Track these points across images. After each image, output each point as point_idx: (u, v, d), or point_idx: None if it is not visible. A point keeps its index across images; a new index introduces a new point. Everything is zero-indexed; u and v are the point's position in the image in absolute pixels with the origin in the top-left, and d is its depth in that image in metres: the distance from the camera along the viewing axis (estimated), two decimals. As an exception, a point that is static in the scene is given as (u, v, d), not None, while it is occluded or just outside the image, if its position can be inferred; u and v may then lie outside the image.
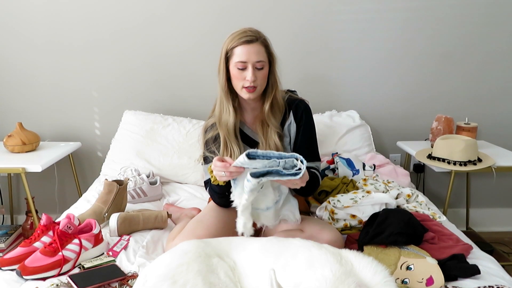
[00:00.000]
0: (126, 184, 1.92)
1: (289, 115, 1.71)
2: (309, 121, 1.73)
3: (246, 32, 1.58)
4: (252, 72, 1.56)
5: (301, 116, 1.70)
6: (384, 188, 1.99)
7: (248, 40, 1.56)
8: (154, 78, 2.69)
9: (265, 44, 1.61)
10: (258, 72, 1.58)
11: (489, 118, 2.74)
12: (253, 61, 1.56)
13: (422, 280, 1.33)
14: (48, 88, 2.70)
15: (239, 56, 1.56)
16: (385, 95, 2.74)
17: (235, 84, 1.62)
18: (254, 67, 1.57)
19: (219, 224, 1.63)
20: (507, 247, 2.69)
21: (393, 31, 2.64)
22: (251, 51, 1.56)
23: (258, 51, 1.57)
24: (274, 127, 1.67)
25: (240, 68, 1.57)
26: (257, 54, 1.57)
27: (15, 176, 2.82)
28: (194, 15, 2.60)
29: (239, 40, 1.56)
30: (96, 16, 2.60)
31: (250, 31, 1.59)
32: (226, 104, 1.65)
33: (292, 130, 1.71)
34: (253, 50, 1.56)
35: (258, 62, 1.57)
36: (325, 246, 1.28)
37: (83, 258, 1.51)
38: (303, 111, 1.71)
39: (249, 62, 1.56)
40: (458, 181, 2.84)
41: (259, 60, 1.57)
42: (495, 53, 2.68)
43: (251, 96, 1.61)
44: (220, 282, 1.20)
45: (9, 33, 2.61)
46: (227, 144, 1.65)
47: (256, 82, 1.58)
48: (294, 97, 1.75)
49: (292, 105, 1.72)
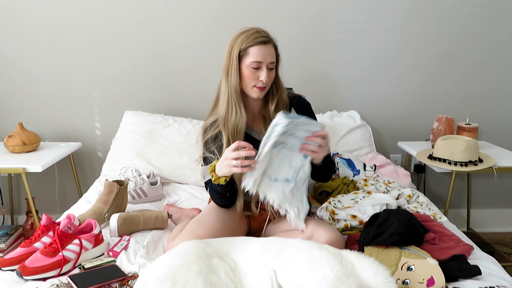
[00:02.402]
0: (126, 185, 1.92)
1: (291, 112, 1.72)
2: (312, 115, 1.76)
3: (260, 32, 1.60)
4: (266, 73, 1.59)
5: (304, 112, 1.71)
6: (384, 188, 1.99)
7: (264, 41, 1.58)
8: (155, 79, 2.69)
9: (275, 45, 1.64)
10: (270, 73, 1.61)
11: (490, 118, 2.74)
12: (268, 61, 1.59)
13: (423, 280, 1.33)
14: (48, 88, 2.70)
15: (254, 56, 1.57)
16: (386, 96, 2.74)
17: (246, 83, 1.62)
18: (268, 67, 1.59)
19: (219, 224, 1.62)
20: (508, 247, 2.69)
21: (394, 31, 2.64)
22: (267, 52, 1.59)
23: (271, 52, 1.61)
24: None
25: (254, 67, 1.58)
26: (271, 55, 1.60)
27: (15, 176, 2.82)
28: (194, 14, 2.60)
29: (254, 40, 1.57)
30: (96, 17, 2.60)
31: (263, 32, 1.61)
32: (236, 105, 1.63)
33: None
34: (268, 51, 1.59)
35: (271, 63, 1.61)
36: (326, 247, 1.28)
37: (83, 258, 1.50)
38: (304, 107, 1.75)
39: (264, 63, 1.58)
40: (459, 182, 2.83)
41: (272, 61, 1.61)
42: (496, 53, 2.68)
43: (261, 94, 1.64)
44: (220, 283, 1.20)
45: (9, 34, 2.61)
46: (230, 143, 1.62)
47: (267, 82, 1.61)
48: (293, 94, 1.78)
49: (293, 101, 1.75)
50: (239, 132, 1.63)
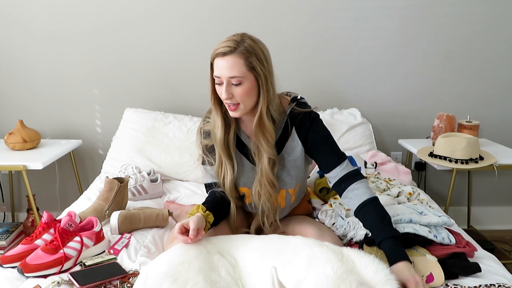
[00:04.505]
0: (127, 182, 1.92)
1: (291, 132, 1.52)
2: (320, 132, 1.53)
3: (226, 41, 1.39)
4: (226, 89, 1.38)
5: (307, 132, 1.51)
6: (385, 186, 1.99)
7: (223, 52, 1.37)
8: (155, 76, 2.69)
9: (246, 55, 1.37)
10: (235, 89, 1.39)
11: (491, 116, 2.74)
12: (227, 76, 1.37)
13: (422, 277, 1.33)
14: (49, 85, 2.70)
15: (215, 70, 1.41)
16: (387, 93, 2.74)
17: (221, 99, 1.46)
18: (229, 83, 1.38)
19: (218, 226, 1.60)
20: (508, 245, 2.69)
21: (395, 29, 2.63)
22: (224, 66, 1.37)
23: (232, 65, 1.36)
24: (266, 153, 1.48)
25: (217, 83, 1.42)
26: (230, 69, 1.36)
27: (16, 173, 2.82)
28: (195, 11, 2.59)
29: (216, 51, 1.40)
30: (97, 15, 2.59)
31: (229, 40, 1.39)
32: (215, 116, 1.51)
33: (297, 148, 1.54)
34: (227, 64, 1.37)
35: (232, 78, 1.37)
36: (326, 244, 1.28)
37: (84, 256, 1.50)
38: (308, 127, 1.51)
39: (223, 77, 1.38)
40: (459, 179, 2.83)
41: (232, 76, 1.37)
42: (498, 51, 2.67)
43: (235, 114, 1.44)
44: (221, 280, 1.20)
45: (9, 34, 2.61)
46: (222, 162, 1.55)
47: (234, 100, 1.40)
48: (298, 111, 1.51)
49: (295, 120, 1.51)
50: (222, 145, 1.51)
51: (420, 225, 1.51)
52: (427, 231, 1.49)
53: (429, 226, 1.52)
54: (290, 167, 1.57)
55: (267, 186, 1.52)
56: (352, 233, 1.57)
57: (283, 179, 1.57)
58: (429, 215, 1.59)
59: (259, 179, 1.53)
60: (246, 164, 1.59)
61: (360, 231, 1.54)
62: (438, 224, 1.54)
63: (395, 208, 1.67)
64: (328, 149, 1.54)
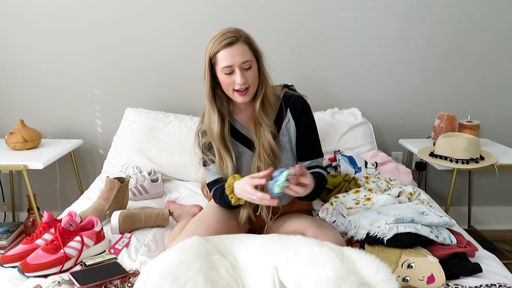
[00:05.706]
0: (127, 182, 1.92)
1: (286, 113, 1.64)
2: (309, 118, 1.67)
3: (225, 34, 1.50)
4: (241, 75, 1.49)
5: (300, 113, 1.64)
6: (386, 186, 1.98)
7: (229, 43, 1.48)
8: (156, 76, 2.69)
9: (248, 41, 1.52)
10: (247, 73, 1.51)
11: (491, 116, 2.73)
12: (239, 62, 1.49)
13: (423, 278, 1.33)
14: (49, 85, 2.70)
15: (223, 61, 1.49)
16: (387, 93, 2.73)
17: (226, 89, 1.55)
18: (241, 68, 1.50)
19: (219, 224, 1.62)
20: (509, 245, 2.68)
21: (395, 28, 2.63)
22: (235, 53, 1.48)
23: (242, 51, 1.49)
24: (267, 126, 1.60)
25: (227, 73, 1.50)
26: (241, 55, 1.49)
27: (16, 173, 2.82)
28: (195, 10, 2.59)
29: (220, 44, 1.49)
30: (97, 14, 2.59)
31: (229, 32, 1.51)
32: (211, 113, 1.59)
33: (291, 129, 1.65)
34: (237, 52, 1.49)
35: (245, 63, 1.50)
36: (327, 244, 1.28)
37: (84, 255, 1.51)
38: (301, 108, 1.64)
39: (235, 65, 1.49)
40: (460, 179, 2.83)
41: (245, 61, 1.50)
42: (498, 51, 2.67)
43: (245, 99, 1.55)
44: (221, 279, 1.20)
45: (9, 33, 2.61)
46: (221, 155, 1.61)
47: (247, 83, 1.52)
48: (290, 94, 1.67)
49: (288, 102, 1.64)
50: (220, 140, 1.60)
51: (422, 225, 1.51)
52: (429, 231, 1.49)
53: (431, 226, 1.52)
54: (288, 148, 1.66)
55: (266, 159, 1.59)
56: (353, 231, 1.58)
57: (283, 161, 1.64)
58: (430, 215, 1.59)
59: (258, 154, 1.61)
60: (245, 152, 1.64)
61: (361, 230, 1.55)
62: (439, 225, 1.54)
63: (397, 207, 1.67)
64: (309, 141, 1.67)
